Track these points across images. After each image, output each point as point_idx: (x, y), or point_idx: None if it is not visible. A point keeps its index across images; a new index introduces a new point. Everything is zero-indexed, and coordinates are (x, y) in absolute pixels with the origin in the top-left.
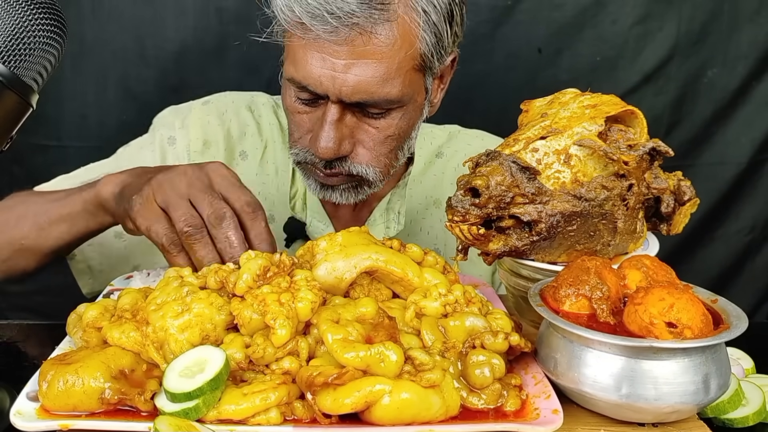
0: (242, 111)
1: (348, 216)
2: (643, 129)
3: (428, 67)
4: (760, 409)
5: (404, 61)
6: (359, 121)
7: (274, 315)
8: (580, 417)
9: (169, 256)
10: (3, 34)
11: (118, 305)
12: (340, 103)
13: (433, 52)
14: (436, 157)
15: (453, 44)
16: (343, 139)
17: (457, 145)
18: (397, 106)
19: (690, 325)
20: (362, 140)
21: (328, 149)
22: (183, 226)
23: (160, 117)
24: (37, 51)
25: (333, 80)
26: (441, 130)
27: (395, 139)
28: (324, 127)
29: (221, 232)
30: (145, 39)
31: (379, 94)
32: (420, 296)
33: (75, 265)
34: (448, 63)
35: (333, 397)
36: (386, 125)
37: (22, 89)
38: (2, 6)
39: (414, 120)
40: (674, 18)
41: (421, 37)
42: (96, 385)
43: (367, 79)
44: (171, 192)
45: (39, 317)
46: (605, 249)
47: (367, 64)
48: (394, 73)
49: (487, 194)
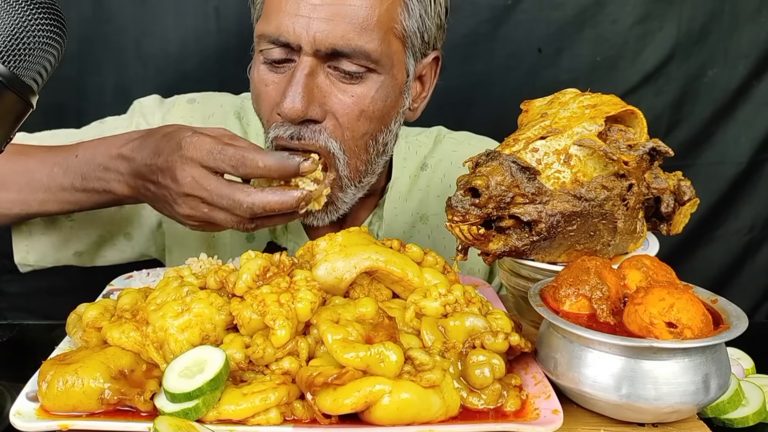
0: (229, 118)
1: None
2: (643, 129)
3: (411, 43)
4: (760, 409)
5: (384, 16)
6: (332, 84)
7: (274, 315)
8: (580, 417)
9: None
10: (3, 34)
11: (118, 305)
12: (314, 56)
13: (415, 27)
14: (421, 170)
15: (436, 35)
16: (312, 100)
17: (442, 153)
18: (374, 69)
19: (690, 325)
20: (335, 110)
21: (294, 107)
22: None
23: (142, 102)
24: (37, 51)
25: (307, 25)
26: (426, 136)
27: (369, 117)
28: (292, 82)
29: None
30: (145, 39)
31: (356, 43)
32: (420, 296)
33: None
34: (430, 60)
35: (333, 397)
36: (361, 93)
37: (22, 89)
38: (2, 6)
39: (392, 102)
40: (674, 18)
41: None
42: (96, 386)
43: (344, 25)
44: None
45: (39, 317)
46: (605, 249)
47: (345, 7)
48: (373, 25)
49: (487, 194)
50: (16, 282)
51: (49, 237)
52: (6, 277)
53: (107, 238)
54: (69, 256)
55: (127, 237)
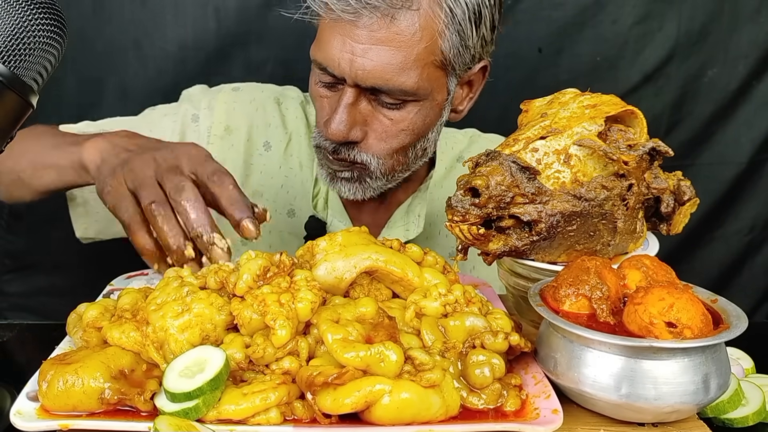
0: (269, 103)
1: (369, 217)
2: (643, 129)
3: (451, 67)
4: (759, 409)
5: (423, 53)
6: (374, 109)
7: (274, 315)
8: (580, 417)
9: (131, 233)
10: (3, 34)
11: (118, 305)
12: (356, 87)
13: (457, 53)
14: (457, 162)
15: (482, 49)
16: (354, 124)
17: (477, 150)
18: (413, 99)
19: (690, 325)
20: (374, 129)
21: (338, 132)
22: (146, 203)
23: (188, 92)
24: (37, 51)
25: (351, 63)
26: (462, 134)
27: (408, 134)
28: (338, 110)
29: (180, 204)
30: (145, 39)
31: (394, 82)
32: (420, 296)
33: (74, 207)
34: (477, 70)
35: (333, 397)
36: (400, 117)
37: (22, 89)
38: (2, 6)
39: (431, 120)
40: (674, 18)
41: (442, 32)
42: (96, 385)
43: (383, 65)
44: (140, 174)
45: (39, 317)
46: (605, 249)
47: (385, 50)
48: (411, 63)
49: (487, 194)
50: (16, 282)
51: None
52: (6, 277)
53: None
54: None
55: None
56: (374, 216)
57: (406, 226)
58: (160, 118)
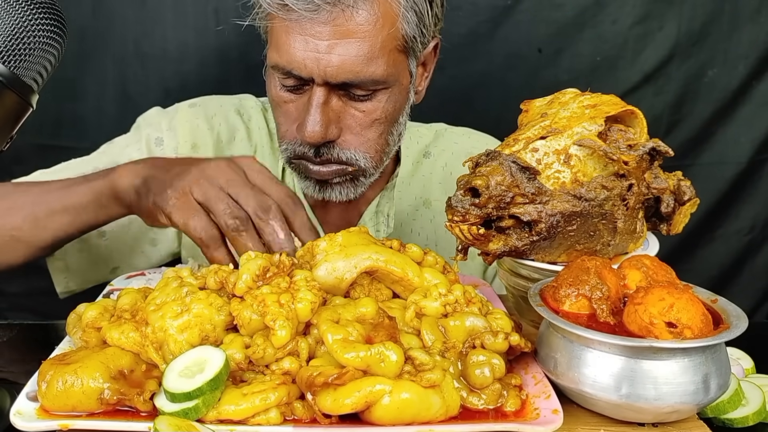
0: (231, 115)
1: (338, 219)
2: (643, 129)
3: (411, 49)
4: (759, 409)
5: (387, 40)
6: (345, 105)
7: (274, 316)
8: (580, 417)
9: (208, 251)
10: (3, 34)
11: (117, 305)
12: (325, 85)
13: (416, 34)
14: (423, 157)
15: (435, 27)
16: (329, 123)
17: (444, 144)
18: (383, 87)
19: (690, 325)
20: (349, 125)
21: (315, 133)
22: (228, 219)
23: (145, 116)
24: (37, 51)
25: (317, 62)
26: (427, 129)
27: (382, 122)
28: (310, 111)
29: (268, 224)
30: (145, 39)
31: (365, 74)
32: (420, 296)
33: (52, 263)
34: (431, 49)
35: (333, 397)
36: (372, 108)
37: (22, 89)
38: (2, 6)
39: (400, 104)
40: (674, 18)
41: (402, 15)
42: (95, 386)
43: (351, 59)
44: (210, 186)
45: (39, 317)
46: (605, 249)
47: (350, 43)
48: (377, 52)
49: (487, 194)
50: (16, 282)
51: (86, 260)
52: (6, 276)
53: (136, 249)
54: (106, 273)
55: (152, 243)
56: (343, 217)
57: (376, 226)
58: (121, 150)
